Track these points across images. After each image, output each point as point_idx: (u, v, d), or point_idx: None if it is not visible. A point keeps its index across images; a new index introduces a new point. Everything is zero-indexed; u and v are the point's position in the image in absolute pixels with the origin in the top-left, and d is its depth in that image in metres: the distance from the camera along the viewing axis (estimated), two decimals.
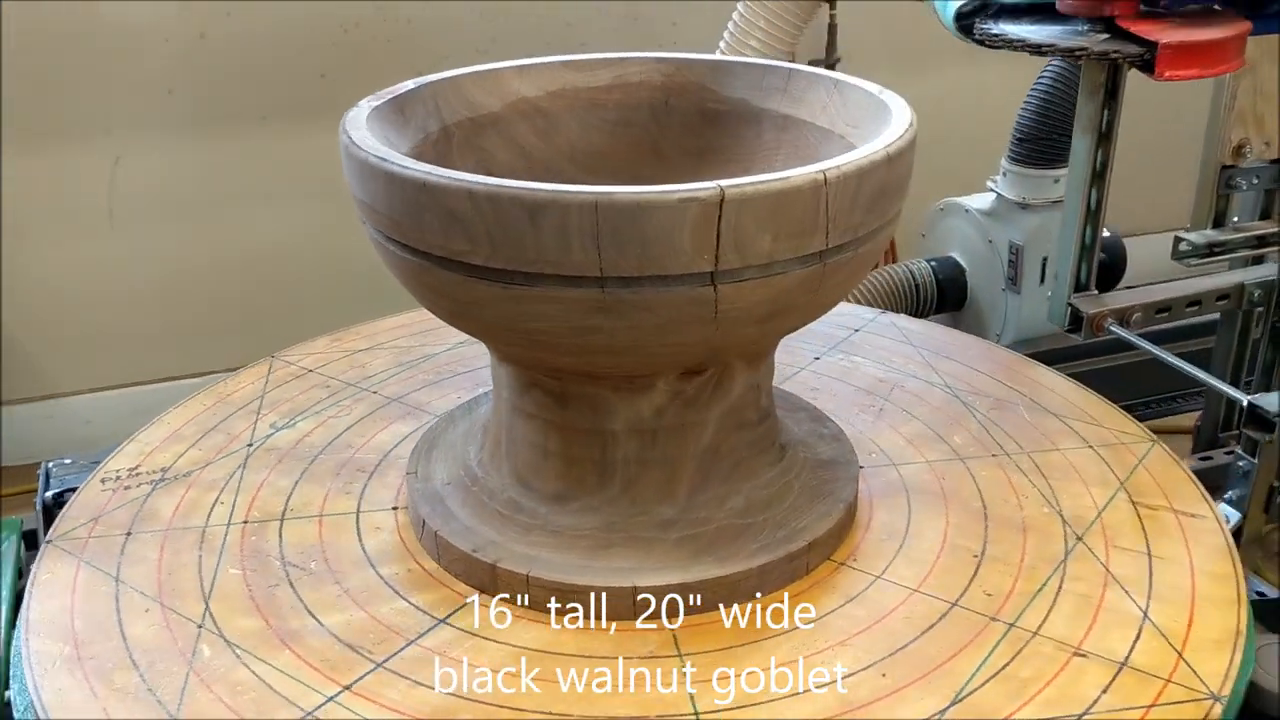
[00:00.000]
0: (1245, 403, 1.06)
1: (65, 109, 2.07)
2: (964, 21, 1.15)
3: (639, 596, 0.83)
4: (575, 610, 0.84)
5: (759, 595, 0.85)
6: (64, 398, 2.23)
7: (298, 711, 0.76)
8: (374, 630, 0.84)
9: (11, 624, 0.89)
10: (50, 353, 2.21)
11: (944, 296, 1.94)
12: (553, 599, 0.84)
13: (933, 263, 1.97)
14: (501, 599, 0.86)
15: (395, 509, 0.97)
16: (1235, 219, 1.36)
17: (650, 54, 1.03)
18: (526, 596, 0.85)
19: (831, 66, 2.37)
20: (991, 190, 1.87)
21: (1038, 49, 1.04)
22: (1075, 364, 1.61)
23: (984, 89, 2.46)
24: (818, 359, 1.22)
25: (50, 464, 1.12)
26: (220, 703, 0.77)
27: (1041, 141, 1.79)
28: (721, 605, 0.84)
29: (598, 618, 0.84)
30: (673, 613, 0.84)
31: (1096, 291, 1.25)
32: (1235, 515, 1.17)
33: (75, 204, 2.13)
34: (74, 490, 1.00)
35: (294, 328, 2.26)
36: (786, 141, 0.98)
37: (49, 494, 1.08)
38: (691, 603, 0.84)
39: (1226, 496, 1.19)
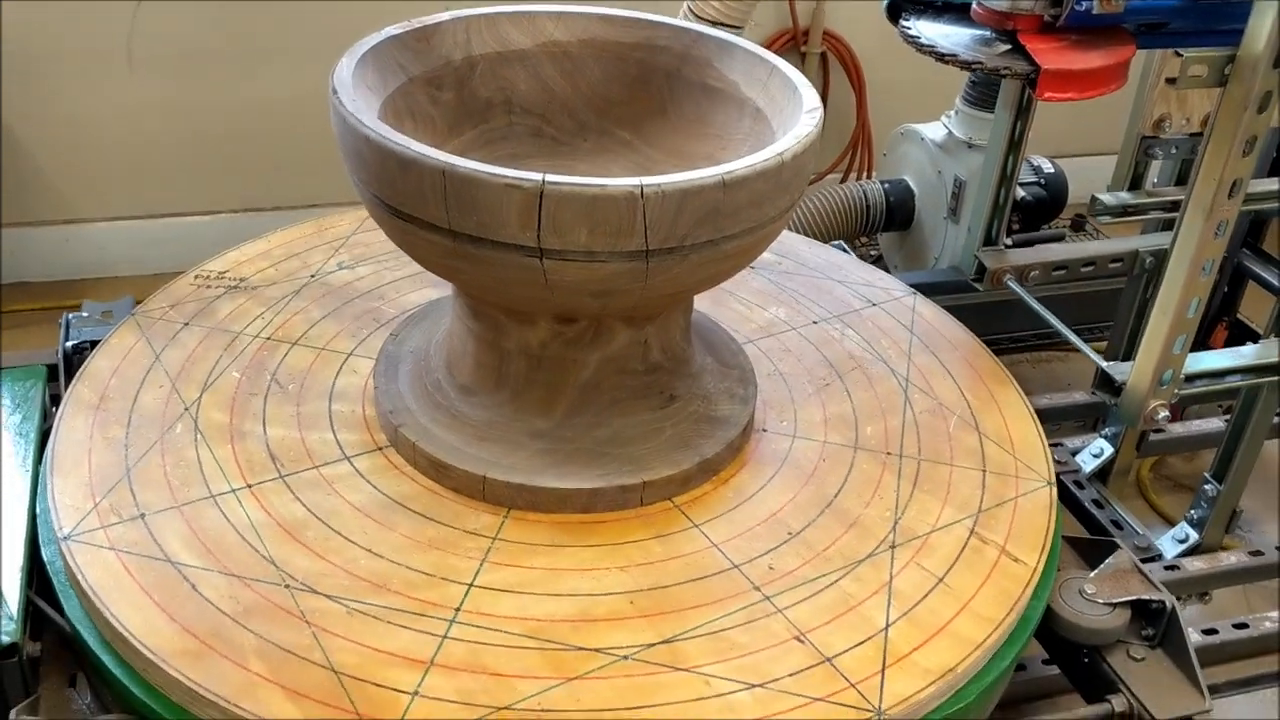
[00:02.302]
0: (1101, 366, 1.18)
1: None
2: (894, 11, 1.23)
3: (487, 484, 1.02)
4: (441, 480, 1.04)
5: (582, 512, 1.02)
6: (82, 224, 2.48)
7: (205, 492, 1.02)
8: (295, 449, 1.07)
9: (38, 460, 1.07)
10: (71, 181, 2.44)
11: (892, 217, 2.06)
12: (430, 466, 1.04)
13: (886, 184, 2.08)
14: (396, 453, 1.07)
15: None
16: (1154, 181, 1.47)
17: (677, 21, 1.15)
18: (414, 458, 1.06)
19: None
20: (944, 126, 1.95)
21: (941, 57, 1.13)
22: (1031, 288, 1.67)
23: None
24: (815, 324, 1.32)
25: (70, 316, 1.29)
26: (162, 469, 1.04)
27: (992, 86, 1.82)
28: (550, 511, 1.02)
29: (455, 491, 1.03)
30: (511, 505, 1.02)
31: (1004, 247, 1.40)
32: (1109, 448, 1.34)
33: (98, 45, 2.33)
34: (95, 343, 1.22)
35: (298, 175, 2.46)
36: (755, 132, 1.08)
37: (69, 344, 1.24)
38: (526, 502, 1.02)
39: (1103, 433, 1.30)
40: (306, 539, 0.97)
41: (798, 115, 0.99)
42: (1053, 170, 1.94)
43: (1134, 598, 1.06)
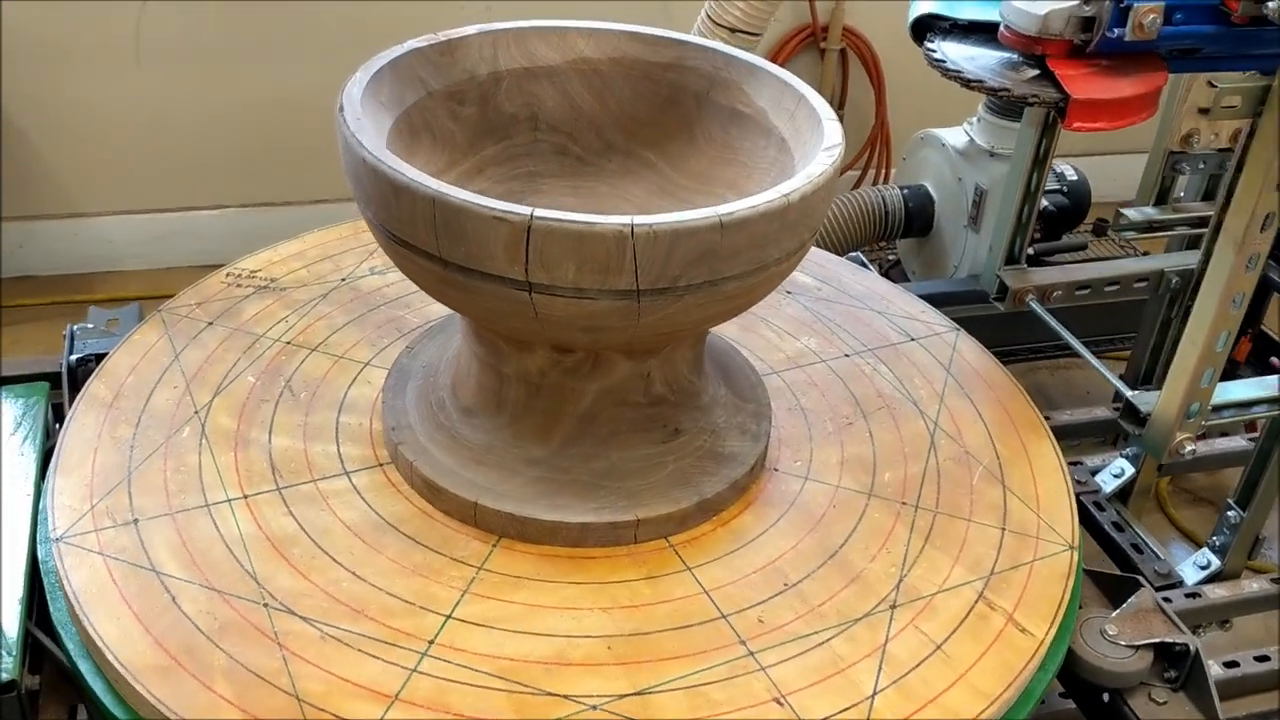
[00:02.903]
0: (1126, 396, 1.17)
1: None
2: (919, 30, 1.20)
3: (478, 511, 1.00)
4: (435, 502, 1.02)
5: (572, 546, 0.99)
6: (89, 218, 2.46)
7: (201, 500, 1.02)
8: (297, 460, 1.07)
9: (41, 476, 1.05)
10: (78, 175, 2.41)
11: (911, 223, 2.01)
12: (425, 487, 1.03)
13: (905, 190, 2.03)
14: (396, 470, 1.06)
15: None
16: (1181, 195, 1.47)
17: (707, 43, 1.11)
18: (411, 478, 1.04)
19: None
20: (966, 133, 1.91)
21: (967, 83, 1.10)
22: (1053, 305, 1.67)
23: None
24: (847, 356, 1.27)
25: (75, 327, 1.26)
26: (163, 474, 1.04)
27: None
28: (539, 543, 0.99)
29: (447, 514, 1.02)
30: (501, 533, 1.00)
31: (1025, 265, 1.39)
32: (1130, 469, 1.34)
33: (106, 39, 2.29)
34: (104, 355, 1.19)
35: (308, 171, 2.42)
36: (780, 164, 1.04)
37: (73, 357, 1.21)
38: (516, 532, 1.00)
39: (1124, 452, 1.35)
40: (293, 556, 0.97)
41: (816, 151, 0.95)
42: (1075, 177, 1.88)
43: (1157, 640, 1.03)
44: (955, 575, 1.01)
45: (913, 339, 1.31)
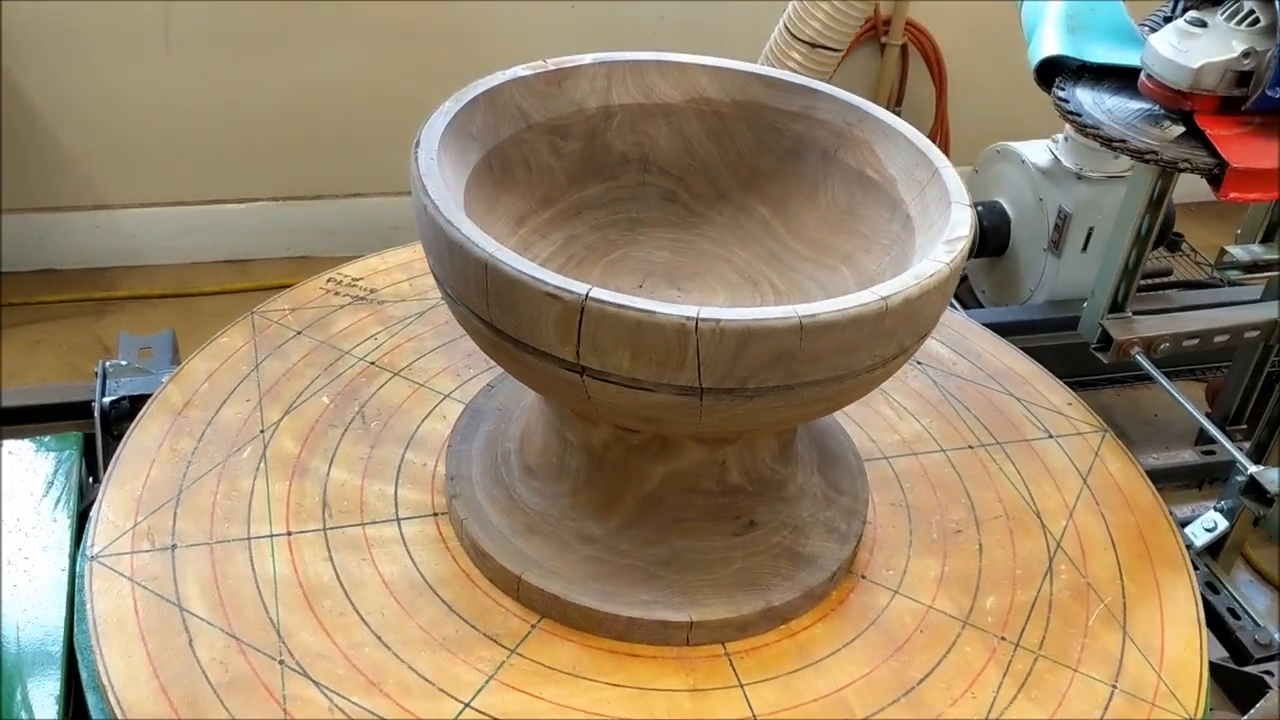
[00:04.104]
0: (1248, 473, 1.11)
1: None
2: (1046, 73, 1.09)
3: (522, 586, 0.92)
4: (480, 566, 0.95)
5: (617, 639, 0.91)
6: (113, 209, 2.35)
7: (244, 532, 0.97)
8: (351, 499, 1.01)
9: (76, 542, 0.97)
10: (102, 166, 2.29)
11: (985, 243, 1.86)
12: (472, 548, 0.96)
13: (979, 207, 1.85)
14: (445, 529, 0.99)
15: None
16: None
17: (841, 94, 0.99)
18: (461, 535, 0.97)
19: None
20: (1050, 151, 1.75)
21: (1108, 142, 1.00)
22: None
23: None
24: (970, 448, 1.14)
25: (107, 364, 1.20)
26: (213, 497, 1.00)
27: None
28: (582, 630, 0.91)
29: (491, 582, 0.94)
30: (543, 613, 0.92)
31: (1130, 314, 1.29)
32: (1224, 523, 1.25)
33: (133, 28, 2.19)
34: (134, 397, 1.17)
35: (341, 163, 2.31)
36: (901, 242, 0.92)
37: (106, 400, 1.15)
38: (558, 614, 0.91)
39: (1218, 505, 1.26)
40: (322, 610, 0.91)
41: (937, 241, 0.82)
42: None
43: None
44: None
45: (1051, 435, 1.17)
